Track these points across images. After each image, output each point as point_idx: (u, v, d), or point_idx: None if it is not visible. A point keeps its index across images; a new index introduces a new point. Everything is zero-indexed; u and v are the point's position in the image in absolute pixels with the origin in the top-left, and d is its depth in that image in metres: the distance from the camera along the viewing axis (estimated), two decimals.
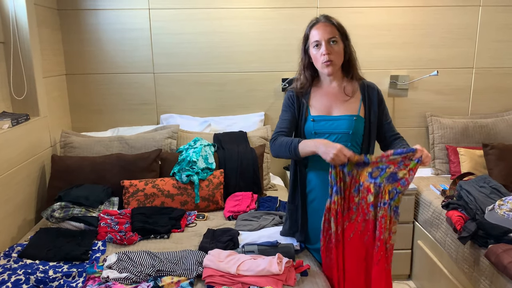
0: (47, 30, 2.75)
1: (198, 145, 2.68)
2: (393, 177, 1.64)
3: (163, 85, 3.08)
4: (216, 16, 3.00)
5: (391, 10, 3.06)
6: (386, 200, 1.65)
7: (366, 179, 1.67)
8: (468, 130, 3.05)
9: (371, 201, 1.66)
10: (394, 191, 1.65)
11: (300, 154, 1.70)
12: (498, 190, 2.29)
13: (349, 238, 1.72)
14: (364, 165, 1.67)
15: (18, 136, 2.29)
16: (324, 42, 1.73)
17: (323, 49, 1.73)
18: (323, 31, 1.74)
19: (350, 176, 1.69)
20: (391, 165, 1.64)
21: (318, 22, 1.77)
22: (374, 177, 1.66)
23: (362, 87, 1.84)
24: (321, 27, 1.75)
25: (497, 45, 3.14)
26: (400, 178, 1.63)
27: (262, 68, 3.10)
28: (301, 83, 1.87)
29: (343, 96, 1.83)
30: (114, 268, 1.77)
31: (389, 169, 1.64)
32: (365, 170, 1.67)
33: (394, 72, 3.15)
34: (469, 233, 2.10)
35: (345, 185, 1.70)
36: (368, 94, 1.83)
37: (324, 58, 1.74)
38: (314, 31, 1.76)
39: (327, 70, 1.77)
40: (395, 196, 1.65)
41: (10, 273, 1.76)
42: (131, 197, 2.39)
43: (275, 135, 1.81)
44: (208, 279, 1.68)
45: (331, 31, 1.74)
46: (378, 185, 1.66)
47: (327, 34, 1.73)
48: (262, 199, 2.52)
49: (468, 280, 2.19)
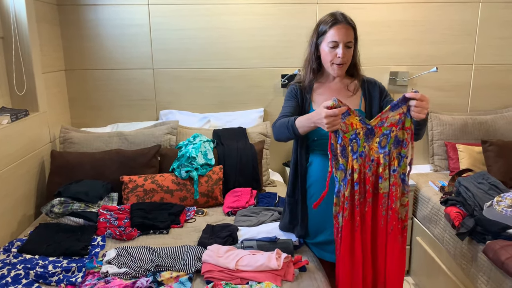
0: (47, 25, 2.74)
1: (197, 141, 2.68)
2: (397, 141, 1.61)
3: (162, 81, 3.08)
4: (216, 12, 2.99)
5: (391, 7, 3.05)
6: (396, 166, 1.62)
7: (376, 151, 1.63)
8: (467, 127, 3.05)
9: (380, 172, 1.62)
10: (399, 156, 1.62)
11: (299, 131, 1.67)
12: (496, 187, 2.30)
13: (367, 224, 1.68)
14: (370, 133, 1.62)
15: (18, 131, 2.29)
16: (342, 44, 1.73)
17: (340, 52, 1.73)
18: (344, 33, 1.73)
19: (363, 157, 1.62)
20: (393, 127, 1.61)
21: (339, 23, 1.74)
22: (383, 146, 1.62)
23: (363, 83, 1.87)
24: (343, 29, 1.73)
25: (497, 41, 3.14)
26: (401, 140, 1.61)
27: (262, 64, 3.09)
28: (305, 77, 1.87)
29: (345, 92, 1.85)
30: (113, 263, 1.77)
31: (392, 133, 1.62)
32: (374, 141, 1.63)
33: (393, 69, 3.15)
34: (467, 229, 2.11)
35: (361, 173, 1.64)
36: (369, 90, 1.86)
37: (338, 60, 1.75)
38: (335, 31, 1.73)
39: (337, 72, 1.79)
40: (400, 162, 1.62)
41: (10, 268, 1.77)
42: (131, 192, 2.39)
43: (277, 119, 1.80)
44: (207, 274, 1.69)
45: (350, 34, 1.75)
46: (387, 153, 1.62)
47: (346, 37, 1.73)
48: (261, 195, 2.53)
49: (466, 276, 2.20)
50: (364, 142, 1.63)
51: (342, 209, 1.65)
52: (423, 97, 1.58)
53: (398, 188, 1.64)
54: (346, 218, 1.65)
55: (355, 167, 1.62)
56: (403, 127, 1.61)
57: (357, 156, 1.62)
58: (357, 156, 1.62)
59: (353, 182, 1.63)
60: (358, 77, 1.87)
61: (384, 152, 1.63)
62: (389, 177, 1.64)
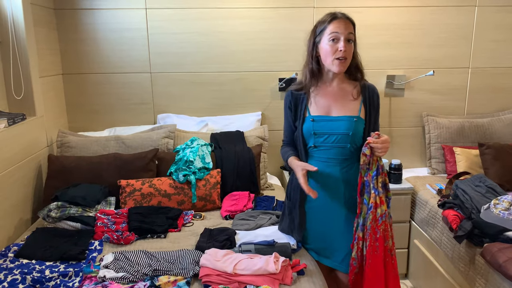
0: (44, 29, 2.74)
1: (195, 144, 2.68)
2: (384, 184, 1.74)
3: (160, 85, 3.08)
4: (213, 15, 3.00)
5: (388, 10, 3.07)
6: (385, 210, 1.72)
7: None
8: (464, 130, 3.06)
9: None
10: (387, 200, 1.74)
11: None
12: (493, 189, 2.30)
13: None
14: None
15: (15, 135, 2.28)
16: (343, 37, 1.70)
17: (341, 45, 1.70)
18: (344, 26, 1.71)
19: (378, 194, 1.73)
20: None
21: (338, 17, 1.73)
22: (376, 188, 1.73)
23: (364, 88, 1.83)
24: (343, 22, 1.71)
25: (493, 45, 3.16)
26: (386, 183, 1.75)
27: (259, 67, 3.10)
28: (303, 80, 1.86)
29: (342, 97, 1.82)
30: (110, 267, 1.77)
31: (381, 178, 1.72)
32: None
33: (390, 72, 3.17)
34: (464, 232, 2.11)
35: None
36: (369, 96, 1.82)
37: (339, 54, 1.71)
38: (335, 24, 1.71)
39: (338, 68, 1.74)
40: (389, 204, 1.75)
41: (7, 273, 1.76)
42: (128, 196, 2.39)
43: (283, 143, 1.98)
44: (204, 278, 1.68)
45: (351, 28, 1.73)
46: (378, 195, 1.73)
47: (347, 29, 1.71)
48: (259, 198, 2.53)
49: (464, 279, 2.20)
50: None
51: (364, 239, 1.74)
52: (383, 141, 1.65)
53: (387, 227, 1.74)
54: (367, 248, 1.73)
55: (378, 202, 1.70)
56: (382, 172, 1.71)
57: (377, 193, 1.70)
58: (377, 193, 1.70)
59: (375, 216, 1.71)
60: (362, 80, 1.84)
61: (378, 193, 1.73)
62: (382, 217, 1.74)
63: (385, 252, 1.72)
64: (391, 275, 1.73)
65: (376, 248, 1.70)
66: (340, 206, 1.81)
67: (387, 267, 1.73)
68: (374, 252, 1.70)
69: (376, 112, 1.85)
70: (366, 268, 1.71)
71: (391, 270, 1.73)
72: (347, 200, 1.81)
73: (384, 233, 1.72)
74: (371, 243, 1.70)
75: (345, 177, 1.80)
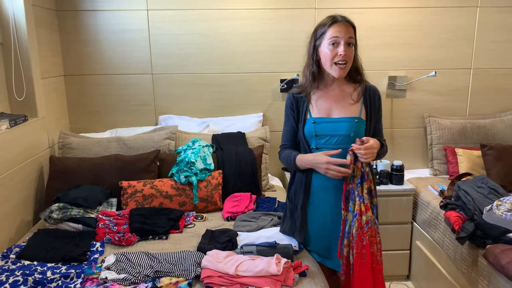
0: (45, 31, 2.75)
1: (196, 146, 2.68)
2: (369, 191, 1.76)
3: (161, 86, 3.08)
4: (214, 17, 3.00)
5: (389, 11, 3.07)
6: (370, 216, 1.73)
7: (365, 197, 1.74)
8: (466, 131, 3.06)
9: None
10: (371, 206, 1.75)
11: (301, 168, 1.82)
12: (496, 191, 2.30)
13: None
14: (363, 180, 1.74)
15: (16, 137, 2.29)
16: (343, 41, 1.70)
17: (341, 49, 1.70)
18: (345, 30, 1.70)
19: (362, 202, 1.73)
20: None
21: (338, 21, 1.72)
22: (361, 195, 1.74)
23: (365, 90, 1.83)
24: (343, 26, 1.71)
25: (495, 45, 3.15)
26: (372, 190, 1.77)
27: (261, 69, 3.10)
28: (304, 83, 1.86)
29: (343, 99, 1.82)
30: (112, 269, 1.76)
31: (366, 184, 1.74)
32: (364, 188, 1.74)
33: (392, 73, 3.16)
34: (467, 233, 2.11)
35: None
36: (370, 97, 1.82)
37: (339, 58, 1.71)
38: (335, 28, 1.71)
39: (338, 72, 1.74)
40: (373, 210, 1.76)
41: (8, 274, 1.76)
42: (130, 198, 2.39)
43: (280, 148, 1.94)
44: (206, 279, 1.68)
45: (351, 32, 1.73)
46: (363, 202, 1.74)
47: (347, 34, 1.71)
48: (260, 199, 2.52)
49: (467, 280, 2.19)
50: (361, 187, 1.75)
51: (350, 247, 1.74)
52: (367, 147, 1.66)
53: (373, 232, 1.75)
54: (354, 256, 1.73)
55: (363, 209, 1.71)
56: (368, 178, 1.73)
57: (362, 200, 1.71)
58: (362, 200, 1.71)
59: (361, 224, 1.71)
60: (362, 82, 1.84)
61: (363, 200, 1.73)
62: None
63: (372, 258, 1.73)
64: (378, 280, 1.74)
65: (363, 256, 1.71)
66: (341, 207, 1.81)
67: (374, 272, 1.74)
68: (361, 259, 1.71)
69: (377, 113, 1.85)
70: (355, 275, 1.72)
71: (378, 275, 1.74)
72: None
73: (371, 239, 1.72)
74: (358, 250, 1.71)
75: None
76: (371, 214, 1.72)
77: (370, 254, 1.72)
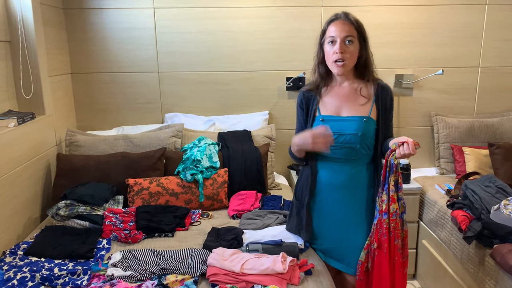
0: (53, 29, 2.76)
1: (202, 144, 2.68)
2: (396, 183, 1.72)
3: (167, 84, 3.09)
4: (221, 15, 3.00)
5: (396, 9, 3.05)
6: (396, 208, 1.71)
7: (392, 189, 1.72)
8: (474, 130, 3.03)
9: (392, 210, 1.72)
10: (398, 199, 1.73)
11: (298, 155, 1.81)
12: (503, 190, 2.28)
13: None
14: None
15: (24, 134, 2.30)
16: (339, 39, 1.70)
17: (337, 47, 1.70)
18: (340, 28, 1.71)
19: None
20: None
21: (337, 19, 1.74)
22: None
23: (377, 89, 1.80)
24: (339, 24, 1.72)
25: (503, 44, 3.12)
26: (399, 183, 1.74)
27: (267, 67, 3.09)
28: (314, 81, 1.86)
29: (353, 97, 1.80)
30: (118, 266, 1.77)
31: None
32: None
33: (399, 71, 3.14)
34: (474, 233, 2.09)
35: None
36: (382, 96, 1.79)
37: (335, 57, 1.71)
38: (332, 27, 1.73)
39: (336, 70, 1.75)
40: (399, 203, 1.73)
41: (16, 270, 1.78)
42: (136, 195, 2.40)
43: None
44: (212, 277, 1.68)
45: (349, 30, 1.71)
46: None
47: (343, 32, 1.70)
48: (266, 198, 2.52)
49: (473, 280, 2.18)
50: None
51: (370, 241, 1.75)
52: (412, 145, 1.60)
53: (398, 225, 1.73)
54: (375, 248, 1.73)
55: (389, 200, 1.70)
56: (396, 171, 1.70)
57: (394, 191, 1.70)
58: (394, 191, 1.70)
59: (381, 210, 1.71)
60: (371, 80, 1.80)
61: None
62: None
63: (395, 250, 1.71)
64: (398, 273, 1.73)
65: (381, 244, 1.70)
66: (348, 207, 1.80)
67: (395, 266, 1.71)
68: (379, 248, 1.71)
69: (389, 113, 1.82)
70: (375, 267, 1.71)
71: (399, 268, 1.72)
72: (356, 201, 1.80)
73: (395, 231, 1.70)
74: (376, 236, 1.71)
75: (354, 178, 1.78)
76: (397, 206, 1.69)
77: (393, 246, 1.71)
